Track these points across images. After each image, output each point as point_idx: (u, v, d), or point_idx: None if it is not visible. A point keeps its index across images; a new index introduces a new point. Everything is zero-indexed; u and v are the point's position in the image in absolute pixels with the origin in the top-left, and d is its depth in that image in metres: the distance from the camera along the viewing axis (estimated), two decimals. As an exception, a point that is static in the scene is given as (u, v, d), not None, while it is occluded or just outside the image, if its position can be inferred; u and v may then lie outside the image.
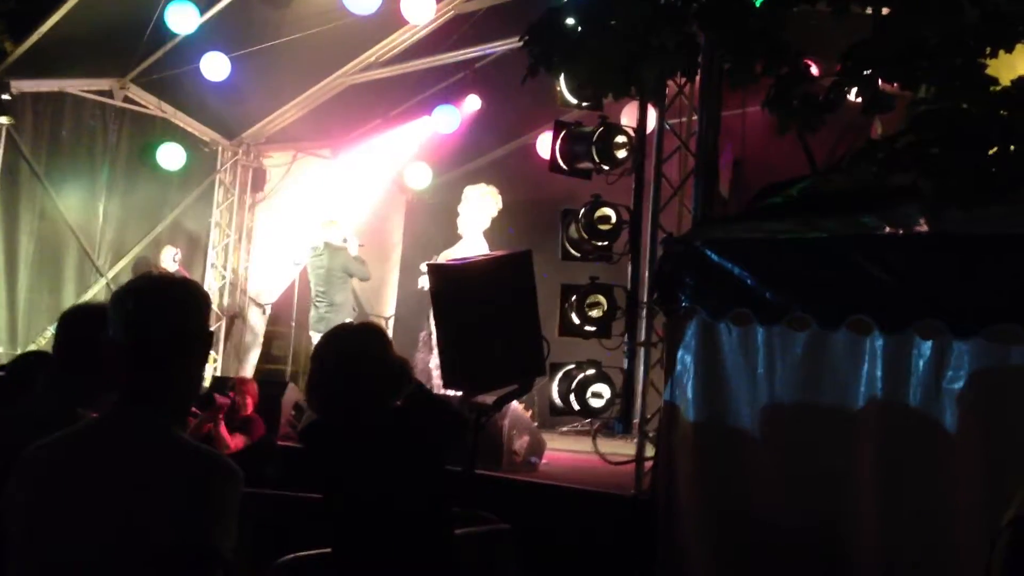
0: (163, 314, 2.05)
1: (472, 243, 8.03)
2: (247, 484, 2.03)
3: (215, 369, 11.37)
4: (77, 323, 2.89)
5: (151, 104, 10.91)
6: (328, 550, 3.34)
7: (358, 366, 3.28)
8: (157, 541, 1.88)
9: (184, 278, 2.37)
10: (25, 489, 1.99)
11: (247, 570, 2.61)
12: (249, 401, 7.11)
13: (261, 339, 11.81)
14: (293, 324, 11.33)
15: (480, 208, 8.19)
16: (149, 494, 1.91)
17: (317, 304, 9.68)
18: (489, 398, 4.91)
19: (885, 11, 4.07)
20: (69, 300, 10.55)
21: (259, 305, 11.87)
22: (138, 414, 2.02)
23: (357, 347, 3.36)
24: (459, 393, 4.93)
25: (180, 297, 2.10)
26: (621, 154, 6.14)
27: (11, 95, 9.67)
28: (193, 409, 7.38)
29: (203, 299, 2.15)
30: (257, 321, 11.81)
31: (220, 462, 1.99)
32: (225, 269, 12.00)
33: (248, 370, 11.42)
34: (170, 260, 10.66)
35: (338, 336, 3.48)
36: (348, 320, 9.01)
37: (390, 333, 9.65)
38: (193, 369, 2.14)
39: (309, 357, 3.71)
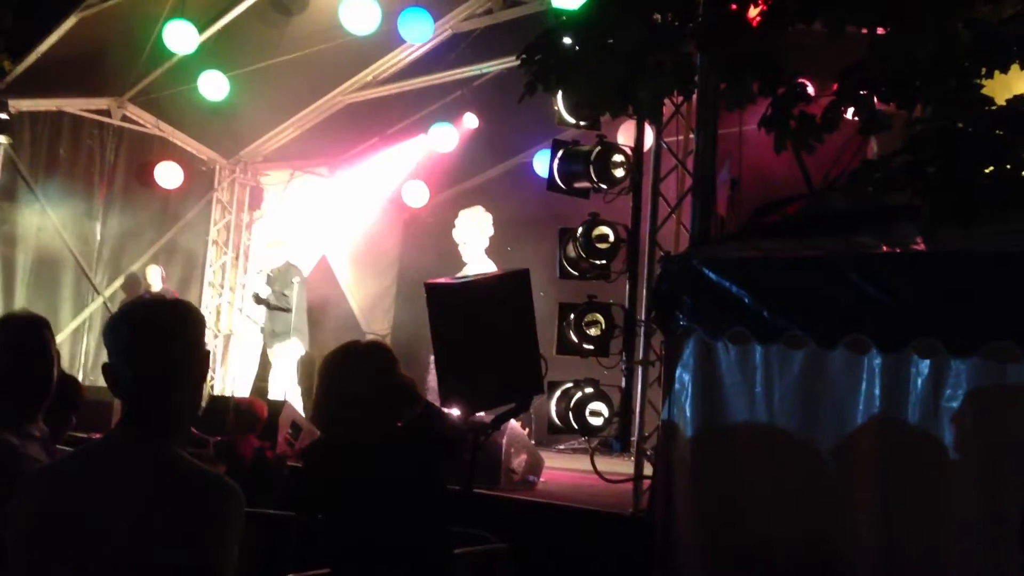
0: (158, 337, 2.05)
1: (479, 266, 8.07)
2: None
3: (211, 387, 11.35)
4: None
5: (149, 123, 10.94)
6: (326, 571, 3.33)
7: (364, 384, 3.27)
8: (159, 562, 1.88)
9: (176, 299, 2.37)
10: (27, 512, 1.98)
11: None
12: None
13: (258, 357, 11.77)
14: (290, 342, 11.32)
15: (473, 230, 8.24)
16: (151, 515, 1.90)
17: None
18: (487, 416, 4.91)
19: (880, 31, 4.10)
20: (66, 319, 10.55)
21: (255, 323, 11.85)
22: (139, 436, 2.02)
23: (363, 365, 3.36)
24: (457, 412, 4.93)
25: (174, 319, 2.10)
26: (618, 173, 6.17)
27: (9, 114, 9.70)
28: (192, 430, 7.32)
29: (197, 319, 2.15)
30: (253, 339, 11.78)
31: (221, 483, 1.99)
32: (222, 287, 11.99)
33: (245, 389, 11.39)
34: (158, 279, 10.67)
35: (345, 353, 3.47)
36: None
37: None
38: (191, 389, 2.14)
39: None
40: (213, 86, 9.55)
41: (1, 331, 2.82)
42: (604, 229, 6.08)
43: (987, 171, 3.70)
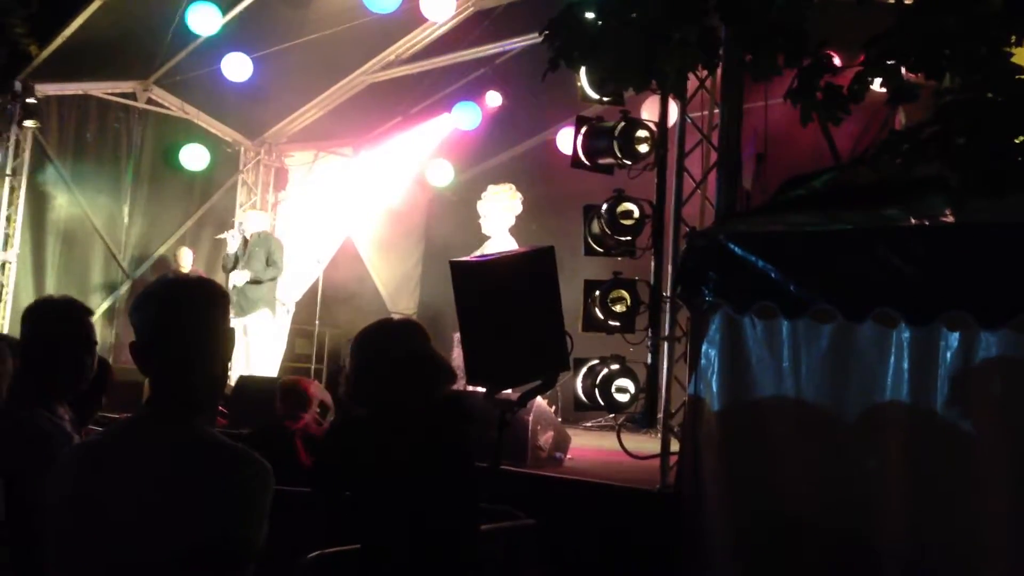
0: (181, 314, 2.08)
1: (499, 242, 8.06)
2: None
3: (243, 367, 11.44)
4: (37, 321, 2.87)
5: (174, 106, 11.00)
6: (355, 546, 3.35)
7: (400, 357, 3.28)
8: (190, 538, 1.90)
9: (200, 277, 2.39)
10: (61, 491, 2.02)
11: (274, 566, 2.63)
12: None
13: (286, 338, 11.84)
14: (317, 323, 11.39)
15: (501, 208, 8.23)
16: (182, 492, 1.93)
17: None
18: (513, 394, 4.92)
19: (908, 0, 4.04)
20: (96, 301, 10.66)
21: (283, 304, 11.92)
22: (166, 413, 2.05)
23: (400, 338, 3.37)
24: (483, 389, 4.94)
25: (197, 296, 2.12)
26: (643, 148, 6.14)
27: (36, 99, 9.79)
28: (220, 408, 7.36)
29: (220, 296, 2.17)
30: (282, 320, 11.85)
31: (250, 459, 2.01)
32: (249, 268, 12.05)
33: (273, 369, 11.46)
34: (189, 261, 10.76)
35: (380, 327, 3.48)
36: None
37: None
38: (217, 367, 2.16)
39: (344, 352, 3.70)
40: (237, 68, 9.57)
41: (37, 314, 2.88)
42: (629, 205, 6.05)
43: (1017, 141, 3.66)
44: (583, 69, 5.77)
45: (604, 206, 6.08)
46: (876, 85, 4.08)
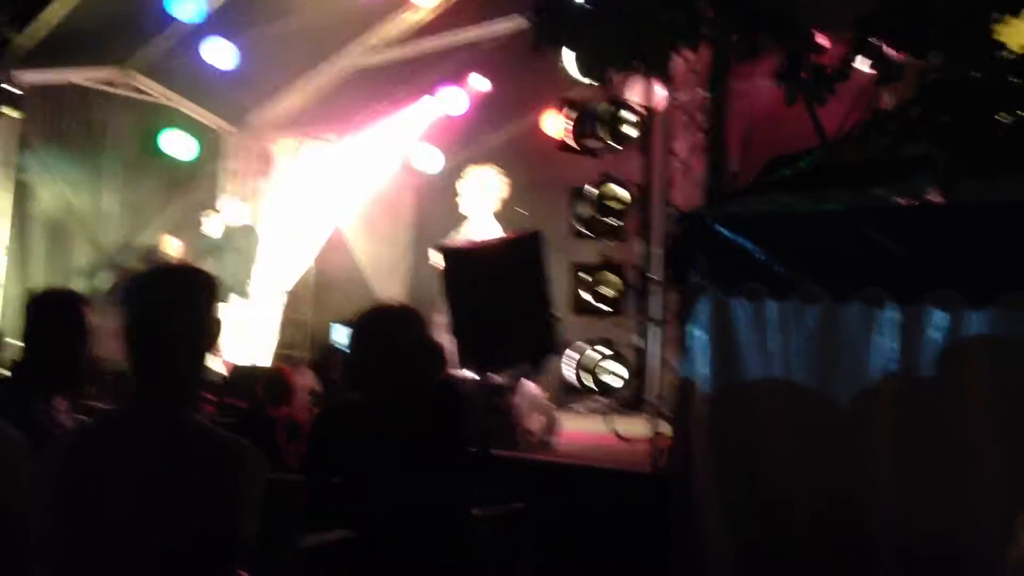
0: (170, 305, 2.07)
1: (480, 224, 8.04)
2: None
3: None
4: (36, 312, 2.88)
5: (156, 92, 10.91)
6: (346, 532, 3.36)
7: (401, 341, 3.29)
8: (182, 529, 1.90)
9: (186, 265, 2.39)
10: (48, 476, 2.01)
11: (267, 553, 2.63)
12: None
13: (279, 326, 11.79)
14: (309, 311, 11.35)
15: (484, 190, 8.20)
16: (173, 482, 1.92)
17: None
18: (503, 378, 4.93)
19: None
20: (81, 290, 10.58)
21: (274, 292, 11.87)
22: (153, 402, 2.04)
23: (399, 322, 3.38)
24: (472, 374, 4.94)
25: (185, 286, 2.11)
26: (629, 131, 6.13)
27: (17, 87, 9.69)
28: (207, 395, 7.32)
29: (208, 286, 2.16)
30: (274, 308, 11.80)
31: (243, 448, 2.00)
32: (234, 256, 11.98)
33: (266, 357, 11.42)
34: (175, 250, 10.70)
35: (380, 311, 3.49)
36: None
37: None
38: (204, 354, 2.15)
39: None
40: (219, 53, 9.51)
41: (37, 306, 2.89)
42: (616, 188, 6.05)
43: (1002, 120, 3.66)
44: (569, 52, 5.75)
45: (591, 189, 6.07)
46: (858, 63, 4.08)
